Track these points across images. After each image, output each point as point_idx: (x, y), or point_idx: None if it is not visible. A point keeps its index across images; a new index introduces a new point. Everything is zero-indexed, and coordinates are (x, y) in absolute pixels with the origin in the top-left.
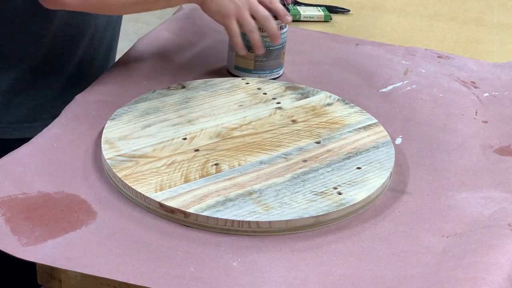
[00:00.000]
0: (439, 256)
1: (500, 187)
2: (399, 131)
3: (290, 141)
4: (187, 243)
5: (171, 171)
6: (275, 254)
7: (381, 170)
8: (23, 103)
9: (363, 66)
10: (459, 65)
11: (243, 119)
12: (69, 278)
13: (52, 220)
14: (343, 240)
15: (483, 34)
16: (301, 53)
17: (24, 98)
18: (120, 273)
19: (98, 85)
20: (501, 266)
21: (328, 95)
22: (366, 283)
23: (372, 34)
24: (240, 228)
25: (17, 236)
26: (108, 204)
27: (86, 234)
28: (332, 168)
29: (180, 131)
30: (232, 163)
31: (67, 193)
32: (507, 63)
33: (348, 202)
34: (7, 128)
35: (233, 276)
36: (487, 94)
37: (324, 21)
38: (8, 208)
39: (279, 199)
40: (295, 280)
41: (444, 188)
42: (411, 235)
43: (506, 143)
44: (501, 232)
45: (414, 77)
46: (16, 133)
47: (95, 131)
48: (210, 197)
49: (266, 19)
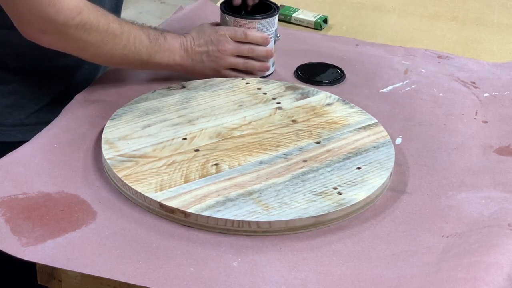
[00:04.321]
0: (439, 256)
1: (500, 187)
2: (399, 131)
3: (290, 141)
4: (187, 243)
5: (171, 171)
6: (275, 254)
7: (381, 170)
8: (26, 107)
9: (363, 66)
10: (459, 65)
11: (243, 119)
12: (69, 278)
13: (52, 220)
14: (343, 240)
15: (483, 34)
16: (301, 54)
17: (28, 101)
18: (120, 273)
19: (98, 85)
20: (501, 266)
21: (328, 95)
22: (366, 283)
23: (372, 34)
24: (240, 228)
25: (17, 236)
26: (108, 204)
27: (86, 234)
28: (332, 168)
29: (180, 131)
30: (232, 163)
31: (67, 193)
32: (507, 63)
33: (348, 202)
34: (11, 131)
35: (233, 276)
36: (487, 94)
37: (314, 28)
38: (8, 208)
39: (279, 199)
40: (295, 280)
41: (444, 188)
42: (411, 235)
43: (506, 143)
44: (501, 232)
45: (414, 77)
46: (19, 135)
47: (95, 131)
48: (210, 197)
49: (251, 52)
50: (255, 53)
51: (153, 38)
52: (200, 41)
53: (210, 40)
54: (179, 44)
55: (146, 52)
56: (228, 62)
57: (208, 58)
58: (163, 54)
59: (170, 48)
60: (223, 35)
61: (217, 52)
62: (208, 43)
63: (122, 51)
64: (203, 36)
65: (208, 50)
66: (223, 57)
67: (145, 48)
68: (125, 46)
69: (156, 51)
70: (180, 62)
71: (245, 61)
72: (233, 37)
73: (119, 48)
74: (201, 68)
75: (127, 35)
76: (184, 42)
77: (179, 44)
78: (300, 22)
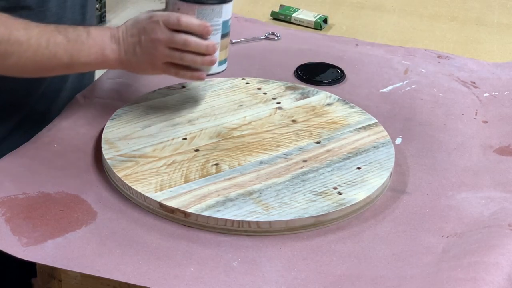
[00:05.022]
0: (439, 256)
1: (500, 187)
2: (399, 131)
3: (290, 141)
4: (187, 243)
5: (171, 171)
6: (275, 254)
7: (381, 170)
8: None
9: (363, 66)
10: (459, 65)
11: (243, 119)
12: (69, 278)
13: (52, 220)
14: (343, 240)
15: (483, 34)
16: (301, 54)
17: None
18: (120, 273)
19: (98, 85)
20: (501, 266)
21: (328, 95)
22: (366, 283)
23: (372, 34)
24: (240, 228)
25: (17, 236)
26: (108, 204)
27: (86, 234)
28: (332, 168)
29: (180, 131)
30: (232, 163)
31: (67, 193)
32: (507, 63)
33: (348, 202)
34: None
35: (233, 276)
36: (487, 94)
37: (314, 28)
38: (8, 208)
39: (279, 199)
40: (295, 280)
41: (444, 188)
42: (411, 235)
43: (506, 143)
44: (501, 232)
45: (414, 77)
46: None
47: (95, 131)
48: (210, 197)
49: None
50: (191, 46)
51: (72, 37)
52: (133, 30)
53: (143, 28)
54: (108, 37)
55: (66, 54)
56: (163, 54)
57: (142, 50)
58: (89, 52)
59: (96, 43)
60: (156, 21)
61: (149, 42)
62: (141, 32)
63: (34, 58)
64: (137, 24)
65: (140, 39)
66: (157, 47)
67: (63, 49)
68: (36, 52)
69: (78, 50)
70: (112, 56)
71: (182, 55)
72: (166, 23)
73: (29, 56)
74: (136, 62)
75: (36, 40)
76: (115, 34)
77: (108, 37)
78: (300, 22)
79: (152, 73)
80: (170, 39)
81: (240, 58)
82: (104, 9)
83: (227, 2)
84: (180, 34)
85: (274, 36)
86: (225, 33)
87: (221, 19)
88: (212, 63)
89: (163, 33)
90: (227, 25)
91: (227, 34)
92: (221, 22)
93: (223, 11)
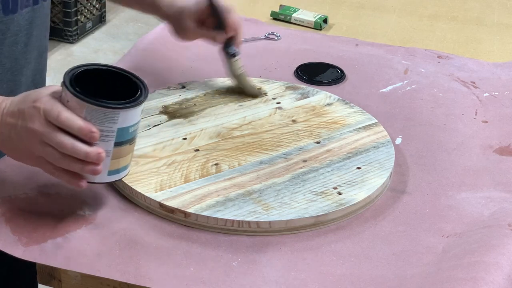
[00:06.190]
0: (439, 256)
1: (500, 187)
2: (399, 131)
3: (290, 141)
4: (187, 243)
5: (171, 171)
6: (275, 254)
7: (381, 170)
8: None
9: (363, 66)
10: (459, 65)
11: (243, 119)
12: (69, 278)
13: (52, 220)
14: (343, 240)
15: (483, 34)
16: (301, 54)
17: None
18: (120, 273)
19: None
20: (501, 266)
21: (328, 95)
22: (366, 283)
23: (372, 34)
24: (240, 228)
25: (17, 236)
26: (108, 204)
27: (86, 234)
28: (332, 168)
29: (180, 131)
30: (232, 163)
31: (67, 193)
32: (507, 63)
33: (348, 202)
34: None
35: (233, 276)
36: (487, 94)
37: (314, 28)
38: (8, 208)
39: (279, 199)
40: (295, 280)
41: (444, 188)
42: (411, 235)
43: (506, 143)
44: (501, 232)
45: (414, 77)
46: None
47: None
48: (210, 197)
49: (60, 148)
50: (67, 150)
51: None
52: (14, 110)
53: (22, 111)
54: None
55: None
56: (37, 148)
57: (16, 136)
58: None
59: None
60: (38, 109)
61: (24, 131)
62: (20, 115)
63: None
64: (20, 104)
65: (17, 124)
66: (31, 138)
67: None
68: None
69: None
70: None
71: (58, 156)
72: (47, 114)
73: None
74: (10, 148)
75: None
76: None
77: None
78: (300, 22)
79: (29, 163)
80: (45, 135)
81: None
82: (104, 9)
83: (127, 107)
84: (58, 132)
85: (274, 36)
86: (124, 141)
87: (115, 125)
88: (93, 172)
89: (41, 125)
90: (127, 132)
91: (127, 141)
92: (115, 129)
93: (119, 117)
